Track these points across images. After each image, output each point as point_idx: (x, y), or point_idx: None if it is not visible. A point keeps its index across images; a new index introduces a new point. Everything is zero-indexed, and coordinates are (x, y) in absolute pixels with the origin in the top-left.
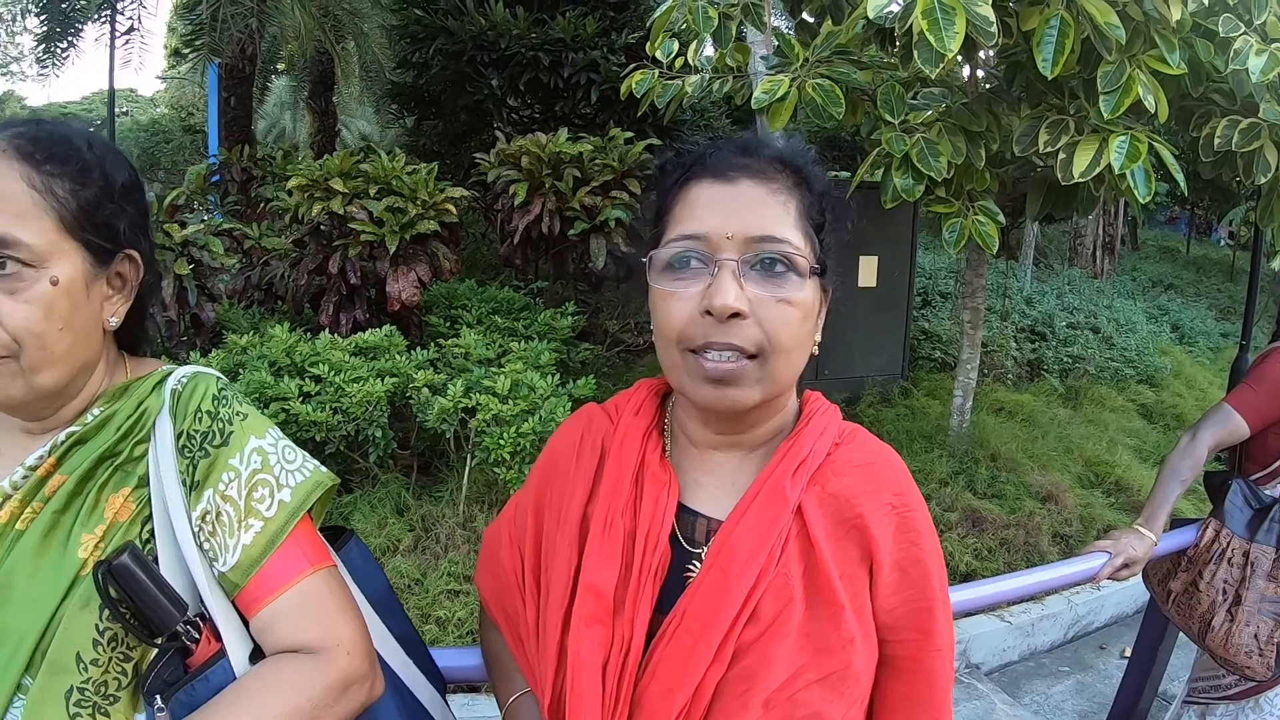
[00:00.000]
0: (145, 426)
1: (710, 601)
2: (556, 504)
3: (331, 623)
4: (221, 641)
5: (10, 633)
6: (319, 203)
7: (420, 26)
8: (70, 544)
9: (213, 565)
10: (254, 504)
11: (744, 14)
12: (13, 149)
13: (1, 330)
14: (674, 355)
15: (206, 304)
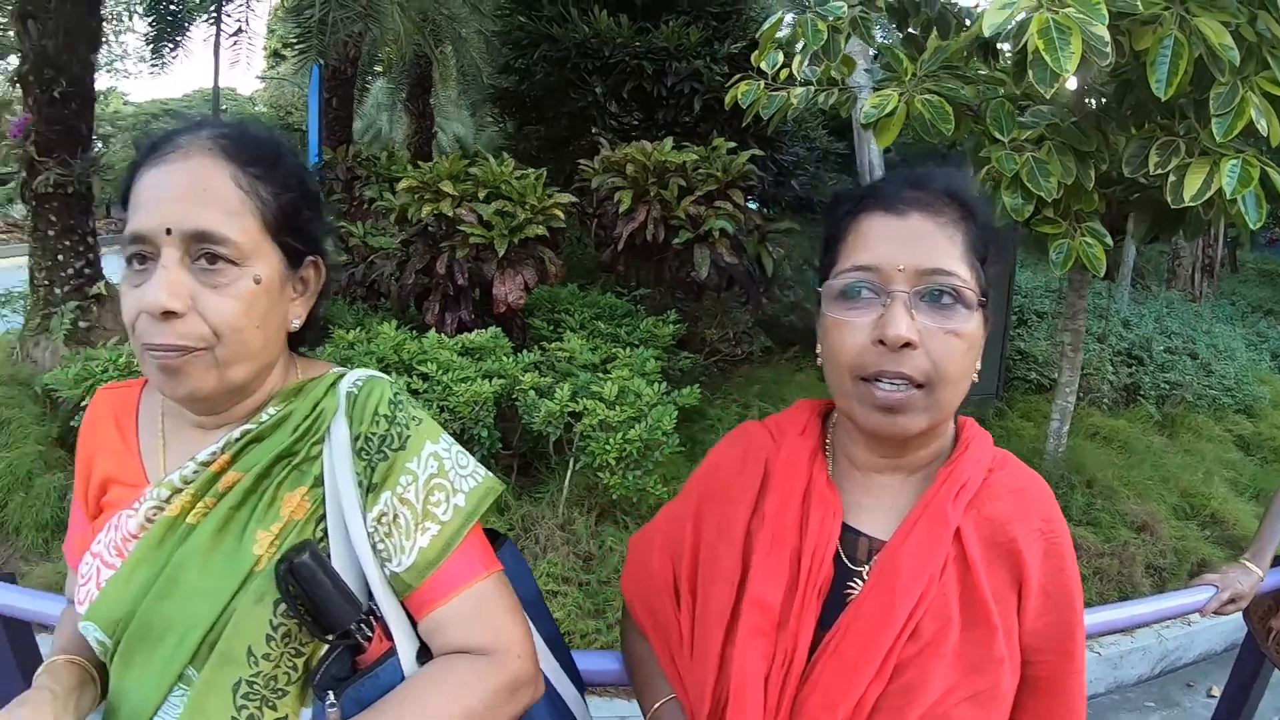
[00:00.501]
0: (321, 427)
1: (874, 618)
2: (717, 518)
3: (502, 626)
4: (392, 640)
5: (177, 624)
6: (428, 204)
7: (524, 33)
8: (245, 540)
9: (385, 566)
10: (431, 508)
11: (852, 27)
12: (218, 148)
13: (204, 322)
14: (845, 382)
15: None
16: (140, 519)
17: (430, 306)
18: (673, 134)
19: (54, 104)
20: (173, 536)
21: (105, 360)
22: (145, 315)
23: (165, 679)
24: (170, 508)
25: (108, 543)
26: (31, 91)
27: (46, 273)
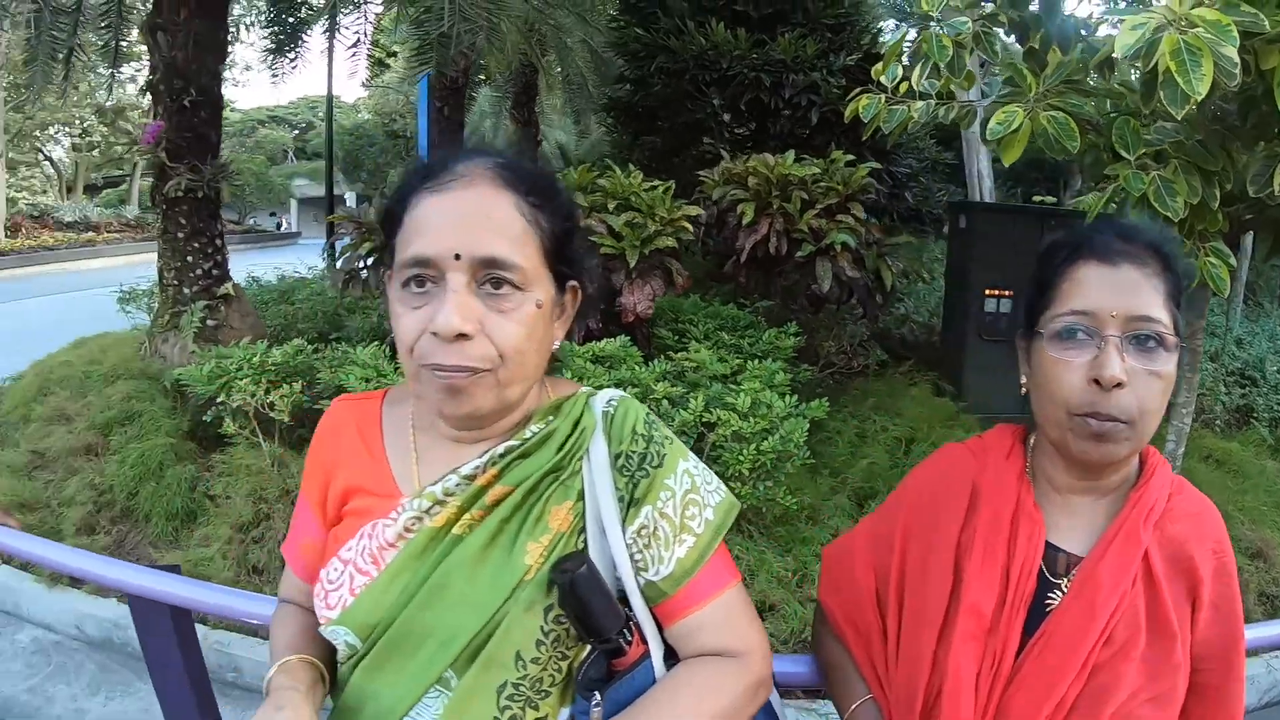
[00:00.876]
0: (583, 445)
1: (1076, 625)
2: (926, 533)
3: (747, 630)
4: (646, 645)
5: (440, 630)
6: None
7: (640, 45)
8: (515, 551)
9: (640, 575)
10: (687, 521)
11: (975, 42)
12: (499, 178)
13: (491, 345)
14: (1059, 414)
15: None
16: (399, 528)
17: None
18: (786, 146)
19: (184, 112)
20: (436, 546)
21: (239, 359)
22: (431, 336)
23: (422, 682)
24: (434, 519)
25: (360, 550)
26: (162, 100)
27: (175, 273)
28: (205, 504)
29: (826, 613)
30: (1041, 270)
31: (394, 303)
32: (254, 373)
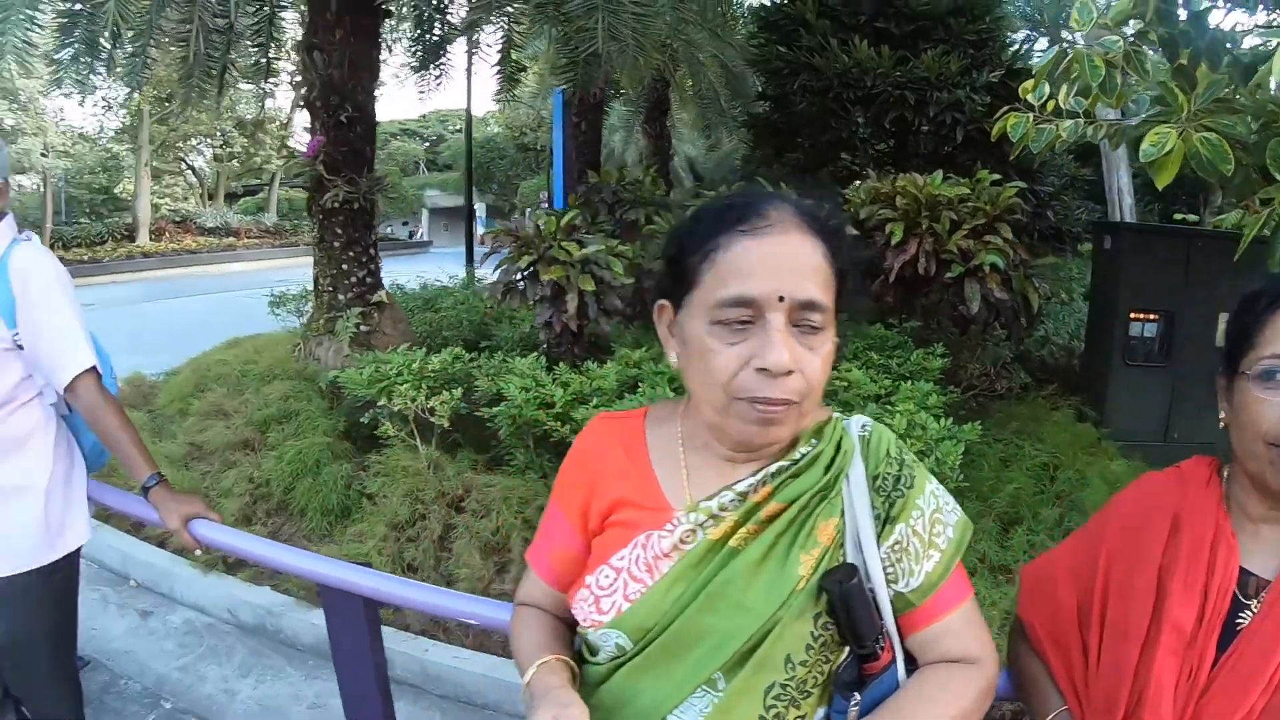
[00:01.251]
0: (845, 466)
1: (1265, 642)
2: (1131, 553)
3: (983, 638)
4: (894, 651)
5: (713, 634)
6: None
7: (783, 62)
8: (789, 563)
9: (890, 586)
10: (933, 538)
11: (1125, 61)
12: (805, 225)
13: (803, 379)
14: (1260, 448)
15: (602, 318)
16: (674, 540)
17: None
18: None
19: (340, 128)
20: (713, 557)
21: (399, 364)
22: (756, 372)
23: (690, 683)
24: (712, 531)
25: (634, 559)
26: (319, 116)
27: (331, 280)
28: (360, 501)
29: (1026, 628)
30: (1243, 315)
31: (701, 337)
32: (414, 378)
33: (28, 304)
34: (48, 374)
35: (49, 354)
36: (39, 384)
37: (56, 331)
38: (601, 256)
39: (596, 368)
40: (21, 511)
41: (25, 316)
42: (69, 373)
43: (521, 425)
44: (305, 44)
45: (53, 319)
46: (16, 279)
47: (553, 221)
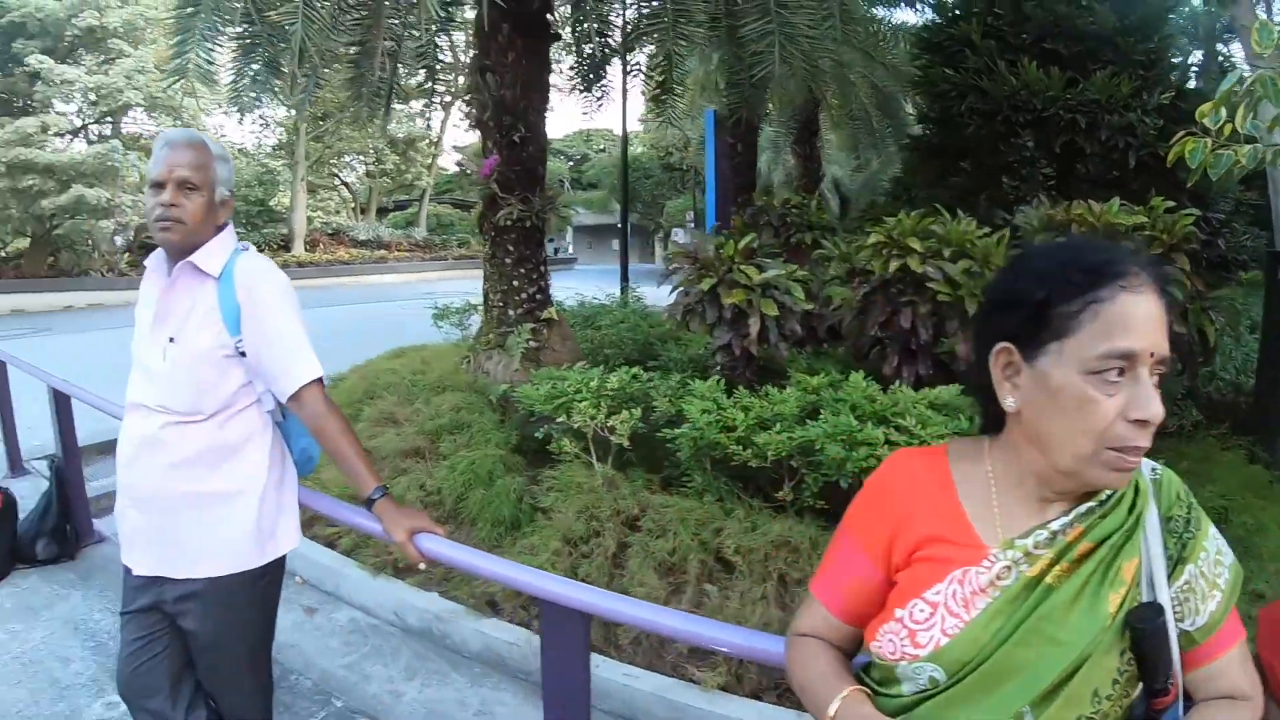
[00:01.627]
0: (1144, 507)
1: None
2: None
3: (1252, 676)
4: (1178, 687)
5: (1027, 668)
6: (895, 260)
7: (949, 84)
8: (1100, 600)
9: (1177, 624)
10: (1215, 578)
11: None
12: (1158, 283)
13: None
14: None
15: (781, 344)
16: (991, 576)
17: (889, 358)
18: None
19: (513, 147)
20: (1030, 593)
21: (576, 382)
22: (1130, 423)
23: (1001, 715)
24: (1027, 569)
25: (950, 594)
26: (491, 136)
27: (501, 296)
28: (532, 515)
29: (1266, 668)
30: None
31: (1078, 386)
32: (592, 396)
33: (254, 312)
34: (271, 381)
35: (275, 362)
36: (258, 390)
37: (284, 340)
38: (782, 281)
39: (777, 392)
40: (236, 516)
41: (250, 324)
42: (296, 381)
43: (702, 448)
44: (477, 66)
45: (279, 327)
46: (242, 287)
47: (731, 245)
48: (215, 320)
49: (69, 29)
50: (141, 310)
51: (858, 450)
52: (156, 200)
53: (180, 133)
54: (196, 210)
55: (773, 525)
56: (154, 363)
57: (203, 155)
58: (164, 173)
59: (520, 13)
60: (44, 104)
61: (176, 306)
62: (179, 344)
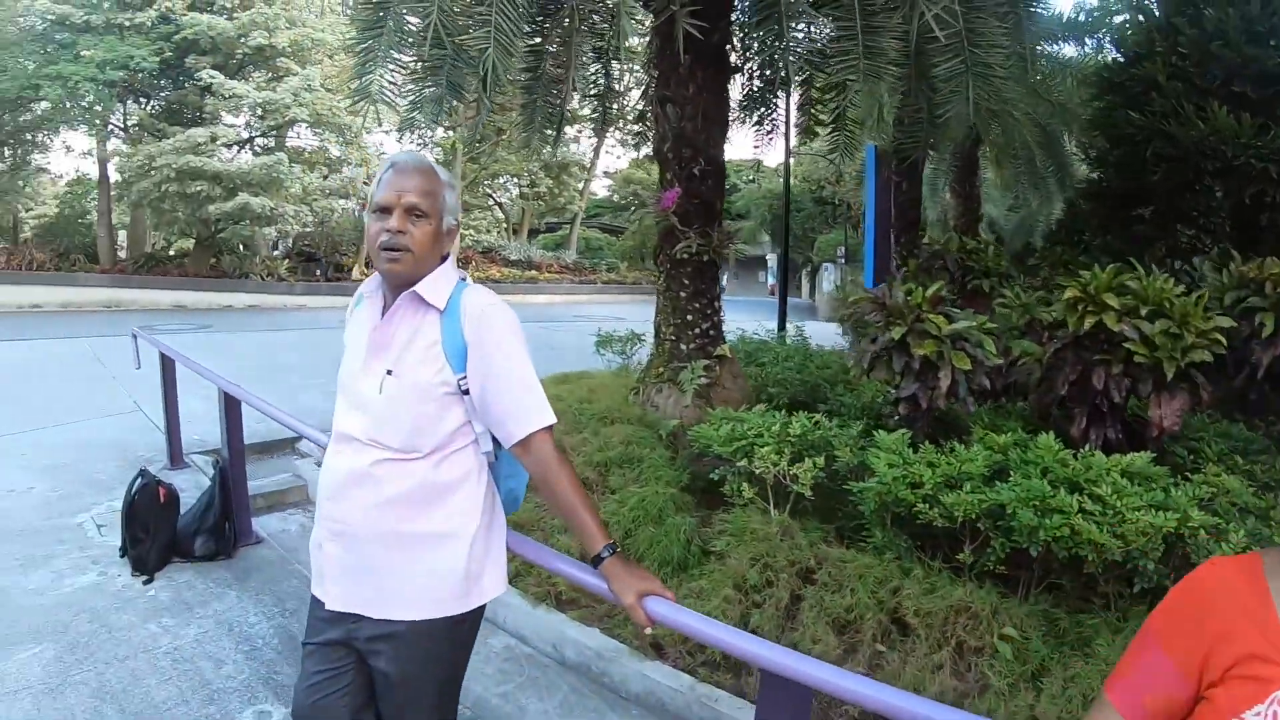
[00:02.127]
0: None
1: None
2: None
3: None
4: None
5: None
6: (1090, 316)
7: (1134, 127)
8: None
9: None
10: None
11: None
12: None
13: None
14: None
15: (969, 399)
16: None
17: (1077, 419)
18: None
19: (692, 180)
20: None
21: (757, 425)
22: None
23: None
24: None
25: (1269, 715)
26: (670, 167)
27: (674, 329)
28: (701, 557)
29: None
30: None
31: None
32: (775, 442)
33: (482, 350)
34: (498, 424)
35: (504, 404)
36: (475, 430)
37: (514, 382)
38: (973, 333)
39: (963, 449)
40: (444, 559)
41: (478, 363)
42: (526, 427)
43: (887, 503)
44: (658, 97)
45: (510, 368)
46: (470, 322)
47: (919, 292)
48: (437, 355)
49: (240, 47)
50: (353, 339)
51: (1051, 518)
52: (382, 226)
53: (409, 156)
54: (424, 239)
55: (953, 589)
56: (368, 395)
57: (432, 181)
58: (391, 198)
59: (703, 45)
60: (213, 116)
61: (395, 338)
62: (397, 377)
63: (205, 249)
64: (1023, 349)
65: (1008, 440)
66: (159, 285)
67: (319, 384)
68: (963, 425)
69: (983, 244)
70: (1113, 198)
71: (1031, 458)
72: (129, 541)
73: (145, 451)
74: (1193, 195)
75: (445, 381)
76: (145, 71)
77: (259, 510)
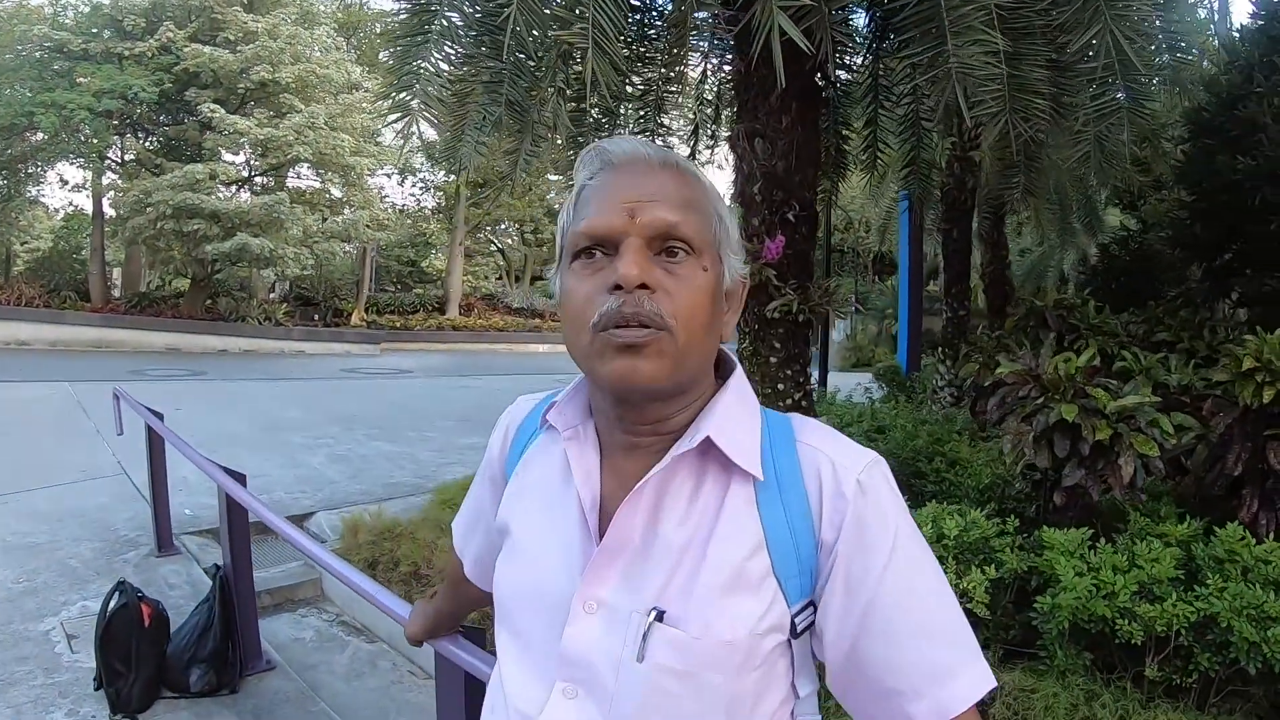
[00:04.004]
0: None
1: None
2: None
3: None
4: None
5: None
6: (1269, 388)
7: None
8: None
9: None
10: None
11: None
12: None
13: None
14: None
15: (1143, 481)
16: None
17: (1246, 503)
18: None
19: (786, 226)
20: None
21: None
22: None
23: None
24: None
25: None
26: (758, 212)
27: (764, 400)
28: None
29: None
30: None
31: None
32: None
33: (866, 565)
34: (881, 695)
35: (904, 660)
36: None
37: (929, 618)
38: (1146, 411)
39: (1144, 546)
40: None
41: (854, 587)
42: (950, 702)
43: (1079, 621)
44: (746, 130)
45: (920, 593)
46: (834, 507)
47: (1073, 362)
48: (764, 576)
49: (242, 81)
50: (528, 520)
51: (1272, 629)
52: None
53: (634, 144)
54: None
55: (1150, 715)
56: (596, 658)
57: (695, 189)
58: (618, 219)
59: (797, 73)
60: (213, 153)
61: (664, 541)
62: (679, 627)
63: (201, 290)
64: (1179, 423)
65: (1187, 532)
66: (152, 326)
67: (325, 446)
68: (1105, 514)
69: (1080, 298)
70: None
71: (1220, 553)
72: (105, 674)
73: (128, 530)
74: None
75: (776, 627)
76: (144, 103)
77: (264, 611)
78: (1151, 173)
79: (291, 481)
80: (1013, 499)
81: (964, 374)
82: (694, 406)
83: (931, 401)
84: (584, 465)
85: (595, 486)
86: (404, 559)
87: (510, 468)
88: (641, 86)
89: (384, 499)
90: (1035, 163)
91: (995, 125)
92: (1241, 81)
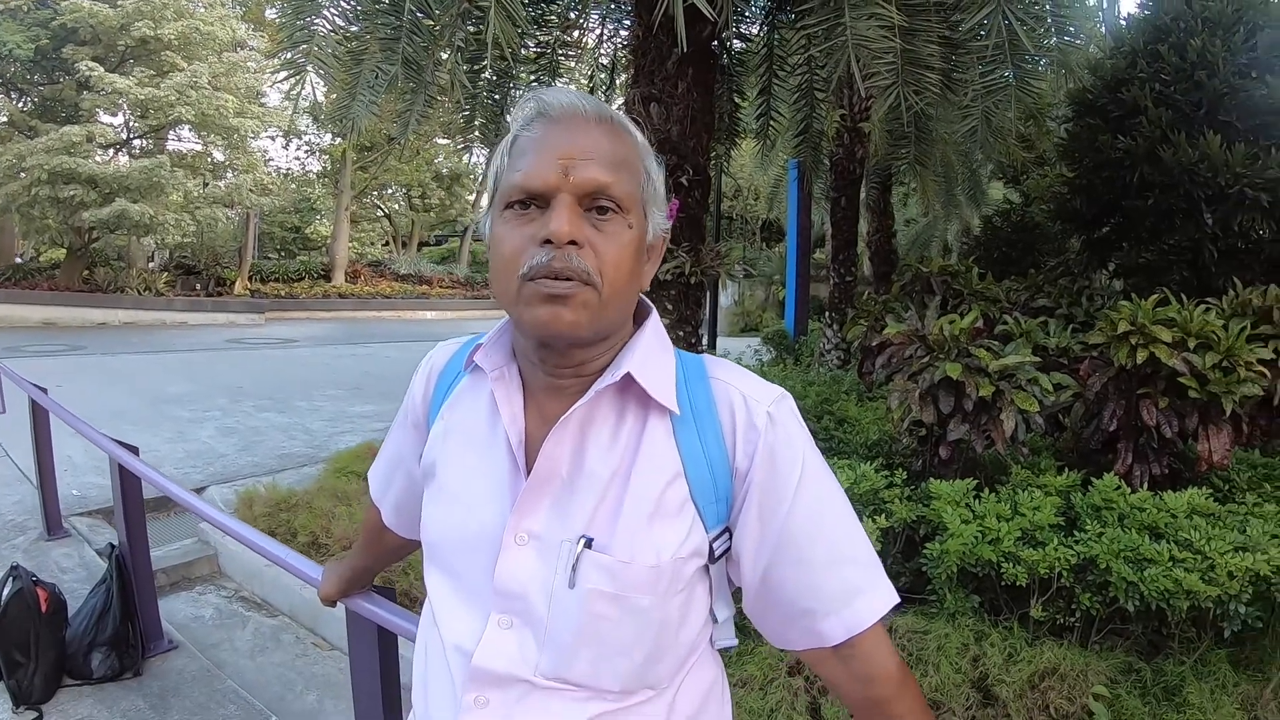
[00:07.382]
0: None
1: None
2: None
3: None
4: None
5: None
6: (1142, 350)
7: (1122, 152)
8: None
9: None
10: None
11: None
12: None
13: None
14: None
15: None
16: None
17: (1121, 456)
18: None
19: (679, 191)
20: None
21: None
22: None
23: None
24: None
25: None
26: None
27: None
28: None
29: None
30: None
31: None
32: None
33: (777, 494)
34: (793, 616)
35: (813, 584)
36: (717, 617)
37: (837, 544)
38: (1026, 370)
39: (1025, 495)
40: None
41: (766, 516)
42: (854, 620)
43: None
44: (642, 95)
45: (830, 521)
46: (745, 438)
47: (957, 323)
48: (683, 503)
49: (122, 38)
50: (457, 460)
51: (1147, 569)
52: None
53: (571, 96)
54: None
55: (1033, 651)
56: (530, 589)
57: (626, 145)
58: (551, 174)
59: (694, 39)
60: (90, 113)
61: (587, 472)
62: (608, 553)
63: (78, 260)
64: (1057, 382)
65: (1066, 482)
66: (27, 300)
67: (213, 419)
68: (988, 467)
69: (963, 265)
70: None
71: (1097, 502)
72: (4, 665)
73: (14, 514)
74: (1185, 223)
75: (696, 552)
76: (18, 60)
77: (161, 590)
78: (1035, 149)
79: (181, 457)
80: (900, 454)
81: (851, 336)
82: (614, 350)
83: (819, 364)
84: (511, 405)
85: (521, 424)
86: (301, 529)
87: (434, 411)
88: (536, 50)
89: (277, 470)
90: (925, 135)
91: (887, 98)
92: (1126, 66)
